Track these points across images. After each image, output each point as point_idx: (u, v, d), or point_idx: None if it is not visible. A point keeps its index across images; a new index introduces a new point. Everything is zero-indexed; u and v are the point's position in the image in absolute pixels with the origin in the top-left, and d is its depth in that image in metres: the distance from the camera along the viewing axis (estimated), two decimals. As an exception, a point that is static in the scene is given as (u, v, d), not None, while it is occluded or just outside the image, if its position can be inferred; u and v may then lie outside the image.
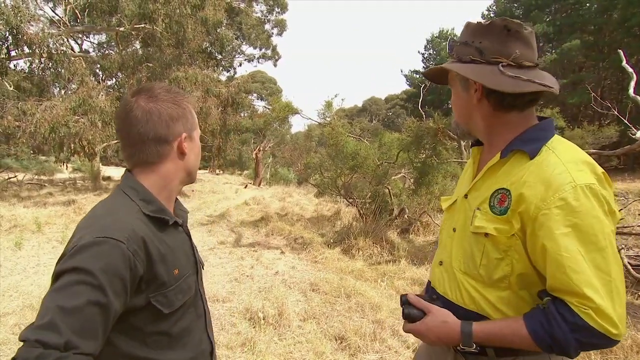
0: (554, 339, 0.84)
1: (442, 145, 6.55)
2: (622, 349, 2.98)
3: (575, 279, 0.82)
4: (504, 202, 0.94)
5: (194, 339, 1.00)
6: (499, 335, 0.91)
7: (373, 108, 54.62)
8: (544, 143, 0.94)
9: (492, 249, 0.95)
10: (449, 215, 1.16)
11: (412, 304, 1.04)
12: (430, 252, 6.30)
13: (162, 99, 0.96)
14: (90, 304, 0.74)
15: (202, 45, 13.45)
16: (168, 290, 0.91)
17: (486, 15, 34.84)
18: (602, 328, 0.81)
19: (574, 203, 0.83)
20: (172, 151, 0.97)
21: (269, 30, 24.26)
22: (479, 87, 0.99)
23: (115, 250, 0.79)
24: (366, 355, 3.02)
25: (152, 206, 0.94)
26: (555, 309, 0.85)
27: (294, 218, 9.84)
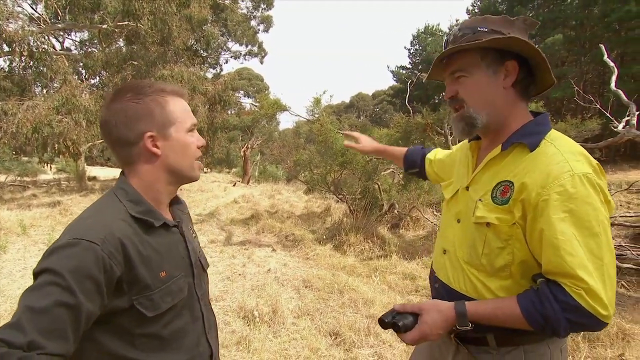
0: (546, 318, 0.87)
1: (431, 141, 6.61)
2: (609, 336, 3.06)
3: (570, 261, 0.86)
4: (507, 193, 0.97)
5: (189, 342, 0.98)
6: (493, 314, 0.94)
7: (360, 104, 54.73)
8: (543, 136, 0.98)
9: (493, 238, 0.98)
10: (451, 206, 1.18)
11: (401, 312, 1.02)
12: (420, 246, 6.37)
13: (124, 98, 0.93)
14: (58, 305, 0.75)
15: (188, 43, 13.27)
16: (153, 293, 0.89)
17: (471, 11, 35.10)
18: (592, 309, 0.84)
19: (571, 190, 0.87)
20: (141, 152, 0.94)
21: (255, 26, 24.04)
22: (514, 71, 1.01)
23: (88, 252, 0.79)
24: (361, 350, 3.05)
25: (140, 207, 0.93)
26: (548, 289, 0.89)
27: (284, 215, 9.82)
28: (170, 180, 0.99)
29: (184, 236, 1.03)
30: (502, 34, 1.00)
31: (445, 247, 1.14)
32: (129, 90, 0.95)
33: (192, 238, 1.09)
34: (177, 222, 1.03)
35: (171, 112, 0.96)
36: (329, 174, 8.25)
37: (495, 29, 1.01)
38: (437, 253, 1.19)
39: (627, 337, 3.05)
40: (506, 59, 1.02)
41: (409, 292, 4.47)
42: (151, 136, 0.93)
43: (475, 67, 1.04)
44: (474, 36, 1.02)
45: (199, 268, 1.05)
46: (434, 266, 1.20)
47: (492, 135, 1.08)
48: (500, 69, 1.02)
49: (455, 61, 1.06)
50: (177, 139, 0.97)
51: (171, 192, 1.03)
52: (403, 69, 40.05)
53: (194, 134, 1.01)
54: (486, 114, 1.04)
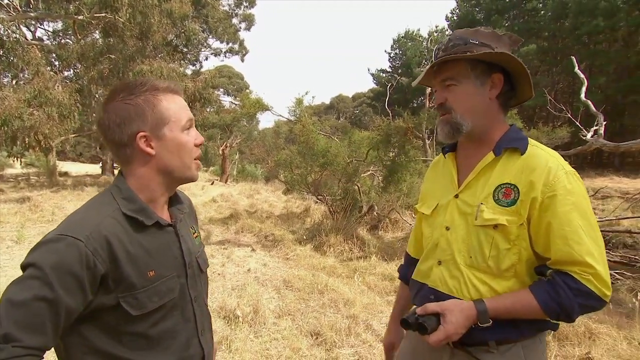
0: (561, 306, 0.95)
1: (410, 144, 6.74)
2: (577, 335, 3.22)
3: (578, 249, 0.95)
4: (510, 195, 1.03)
5: (178, 343, 0.97)
6: (512, 308, 1.00)
7: (340, 106, 55.01)
8: (527, 141, 1.08)
9: (501, 240, 1.03)
10: (434, 219, 1.20)
11: (423, 315, 1.03)
12: (399, 248, 6.48)
13: (117, 98, 0.93)
14: (37, 299, 0.76)
15: (168, 38, 13.02)
16: (138, 292, 0.89)
17: (450, 18, 35.91)
18: (599, 291, 0.94)
19: (569, 186, 0.98)
20: (135, 153, 0.93)
21: (236, 24, 23.81)
22: (499, 83, 1.09)
23: (70, 248, 0.80)
24: (342, 350, 3.09)
25: (132, 205, 0.93)
26: (560, 279, 0.97)
27: (264, 215, 9.79)
28: (165, 180, 0.98)
29: (178, 236, 1.01)
30: (491, 47, 1.07)
31: (440, 259, 1.15)
32: (122, 90, 0.94)
33: (191, 238, 1.08)
34: (173, 222, 1.01)
35: (164, 111, 0.94)
36: (310, 175, 8.29)
37: (485, 43, 1.07)
38: (427, 266, 1.19)
39: (594, 336, 3.21)
40: (493, 72, 1.09)
41: (388, 293, 4.55)
42: (144, 136, 0.92)
43: (465, 77, 1.09)
44: (465, 47, 1.07)
45: (194, 269, 1.04)
46: (426, 279, 1.19)
47: (476, 143, 1.13)
48: (487, 80, 1.09)
49: (446, 70, 1.11)
50: (171, 138, 0.95)
51: (168, 192, 1.01)
52: (383, 72, 40.58)
53: (190, 131, 0.99)
54: (471, 121, 1.10)
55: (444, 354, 1.12)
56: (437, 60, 1.11)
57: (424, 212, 1.27)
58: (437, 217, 1.19)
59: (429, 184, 1.33)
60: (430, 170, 1.36)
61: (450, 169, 1.20)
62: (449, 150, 1.24)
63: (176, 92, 1.00)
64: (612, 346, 3.10)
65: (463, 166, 1.17)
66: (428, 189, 1.32)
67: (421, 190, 1.38)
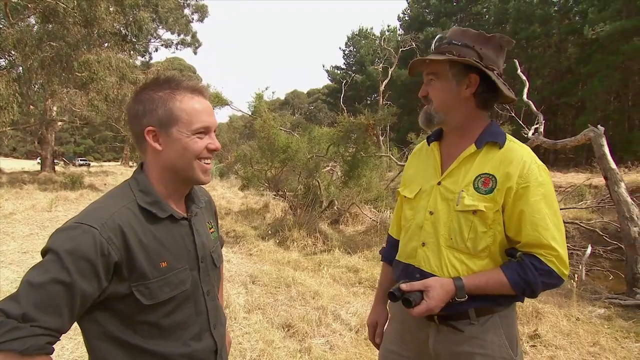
0: (528, 283, 1.09)
1: (370, 140, 6.95)
2: (525, 315, 3.54)
3: (545, 234, 1.09)
4: (488, 184, 1.14)
5: (190, 335, 0.99)
6: (485, 284, 1.12)
7: (295, 102, 54.94)
8: (505, 136, 1.20)
9: (479, 224, 1.14)
10: (417, 202, 1.29)
11: (408, 291, 1.14)
12: (360, 241, 6.68)
13: (145, 91, 0.97)
14: (54, 282, 0.80)
15: (116, 27, 12.31)
16: (150, 282, 0.91)
17: (401, 18, 37.00)
18: (559, 271, 1.09)
19: (540, 178, 1.12)
20: (147, 146, 0.97)
21: (188, 15, 23.01)
22: (474, 84, 1.17)
23: (86, 235, 0.84)
24: (314, 340, 3.17)
25: (148, 198, 0.95)
26: (528, 260, 1.10)
27: (222, 212, 9.63)
28: (171, 178, 0.99)
29: (192, 229, 1.03)
30: (474, 49, 1.16)
31: (424, 240, 1.24)
32: (152, 83, 0.98)
33: (207, 232, 1.09)
34: (188, 216, 1.03)
35: (175, 111, 0.94)
36: (270, 170, 8.27)
37: (468, 44, 1.16)
38: (412, 247, 1.27)
39: (540, 315, 3.55)
40: (470, 72, 1.16)
41: (353, 284, 4.70)
42: (152, 131, 0.95)
43: (444, 74, 1.19)
44: (448, 47, 1.18)
45: (207, 262, 1.05)
46: (411, 260, 1.27)
47: (458, 135, 1.24)
48: (464, 79, 1.17)
49: (431, 65, 1.22)
50: (178, 139, 0.95)
51: (181, 188, 1.03)
52: (338, 69, 41.01)
53: (202, 136, 0.97)
54: (443, 114, 1.21)
55: (430, 330, 1.23)
56: (422, 58, 1.22)
57: (406, 195, 1.35)
58: (420, 201, 1.28)
59: (411, 169, 1.41)
60: (413, 156, 1.45)
61: (434, 156, 1.29)
62: (433, 139, 1.33)
63: (199, 92, 0.99)
64: (555, 323, 3.45)
65: (446, 155, 1.27)
66: (411, 175, 1.40)
67: (403, 175, 1.47)
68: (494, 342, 1.16)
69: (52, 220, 8.03)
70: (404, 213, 1.37)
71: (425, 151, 1.37)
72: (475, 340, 1.17)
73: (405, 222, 1.35)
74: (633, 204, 4.90)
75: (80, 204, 10.34)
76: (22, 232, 6.96)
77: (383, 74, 29.26)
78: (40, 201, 9.82)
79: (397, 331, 1.36)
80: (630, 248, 4.72)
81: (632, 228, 4.77)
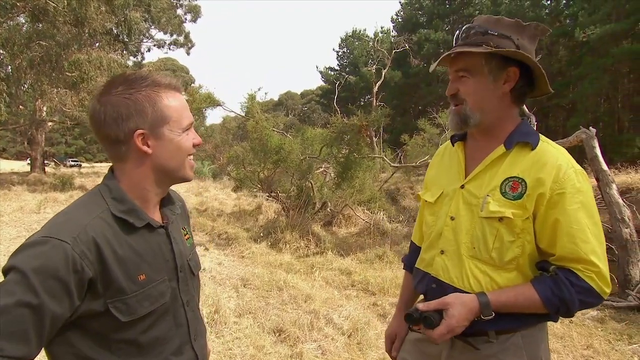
0: (563, 301, 0.98)
1: (363, 141, 6.93)
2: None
3: (584, 247, 0.97)
4: (517, 188, 1.02)
5: (170, 349, 0.94)
6: (514, 301, 1.01)
7: (289, 102, 54.88)
8: (539, 136, 1.08)
9: (505, 232, 1.03)
10: (438, 207, 1.19)
11: (426, 311, 1.04)
12: (353, 243, 6.65)
13: (115, 92, 0.88)
14: (20, 305, 0.72)
15: (107, 27, 12.16)
16: (128, 297, 0.85)
17: (395, 20, 37.10)
18: (600, 289, 0.97)
19: (578, 185, 1.00)
20: (130, 150, 0.89)
21: (181, 15, 22.85)
22: (514, 79, 1.05)
23: (56, 251, 0.76)
24: (306, 345, 3.12)
25: (122, 206, 0.88)
26: (563, 275, 0.98)
27: (215, 213, 9.56)
28: (160, 180, 0.94)
29: (170, 238, 0.97)
30: (511, 39, 1.04)
31: (443, 248, 1.14)
32: (120, 82, 0.89)
33: (183, 240, 1.03)
34: (165, 223, 0.97)
35: (165, 110, 0.90)
36: (262, 172, 8.21)
37: (505, 34, 1.04)
38: (431, 256, 1.19)
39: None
40: (509, 66, 1.05)
41: (345, 287, 4.66)
42: (142, 134, 0.87)
43: (478, 70, 1.07)
44: (483, 38, 1.05)
45: (185, 272, 1.00)
46: (429, 268, 1.19)
47: (487, 135, 1.12)
48: (501, 74, 1.06)
49: (461, 59, 1.09)
50: (170, 138, 0.91)
51: (161, 192, 0.97)
52: (331, 70, 40.98)
53: (189, 132, 0.95)
54: (480, 115, 1.08)
55: (444, 343, 1.11)
56: (452, 50, 1.09)
57: (427, 199, 1.25)
58: (442, 206, 1.18)
59: (434, 171, 1.31)
60: (436, 157, 1.34)
61: (459, 158, 1.18)
62: (457, 139, 1.22)
63: (178, 89, 0.95)
64: (548, 326, 3.41)
65: (471, 157, 1.16)
66: (433, 177, 1.30)
67: (425, 177, 1.35)
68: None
69: (40, 222, 7.89)
70: (425, 219, 1.28)
71: (449, 152, 1.26)
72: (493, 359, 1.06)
73: (426, 228, 1.25)
74: (624, 205, 4.92)
75: (69, 206, 10.20)
76: (9, 234, 6.83)
77: (376, 75, 29.28)
78: (28, 203, 9.67)
79: (413, 340, 1.27)
80: (622, 249, 4.73)
81: (623, 229, 4.78)
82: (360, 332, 3.32)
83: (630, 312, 3.96)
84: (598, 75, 18.77)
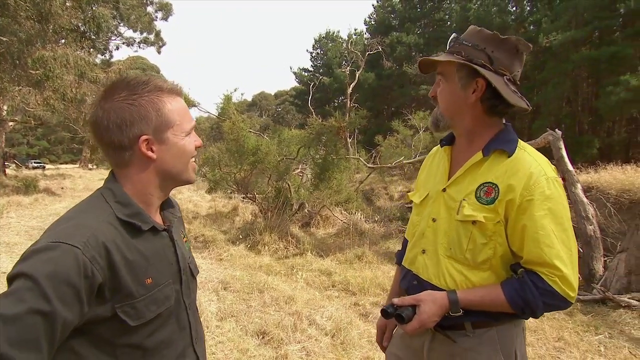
0: (526, 302, 1.02)
1: (341, 143, 6.99)
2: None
3: (548, 252, 1.01)
4: (491, 193, 1.07)
5: (173, 353, 0.95)
6: (481, 300, 1.06)
7: (263, 103, 54.44)
8: (517, 144, 1.11)
9: (478, 235, 1.08)
10: (423, 208, 1.26)
11: (400, 306, 1.10)
12: (332, 243, 6.69)
13: (118, 97, 0.87)
14: (32, 313, 0.70)
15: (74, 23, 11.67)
16: (137, 300, 0.85)
17: (368, 22, 37.55)
18: (564, 292, 1.01)
19: (548, 192, 1.03)
20: (134, 156, 0.89)
21: (151, 13, 22.24)
22: (481, 90, 1.09)
23: (67, 256, 0.74)
24: (290, 347, 3.13)
25: (127, 210, 0.88)
26: (528, 278, 1.03)
27: (190, 216, 9.38)
28: (163, 184, 0.95)
29: (173, 241, 0.97)
30: (485, 51, 1.08)
31: (424, 247, 1.20)
32: (123, 88, 0.88)
33: (183, 243, 1.04)
34: (167, 226, 0.97)
35: (168, 114, 0.90)
36: (239, 173, 8.13)
37: (479, 45, 1.09)
38: (413, 254, 1.25)
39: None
40: (478, 76, 1.08)
41: (326, 288, 4.69)
42: (146, 140, 0.88)
43: (450, 76, 1.13)
44: (459, 47, 1.12)
45: (187, 275, 1.00)
46: (412, 266, 1.25)
47: (467, 140, 1.17)
48: (470, 83, 1.09)
49: (440, 64, 1.16)
50: (174, 143, 0.91)
51: (163, 196, 0.98)
52: (305, 71, 40.99)
53: (191, 135, 0.96)
54: (449, 119, 1.16)
55: (426, 336, 1.20)
56: (429, 58, 1.15)
57: (414, 200, 1.31)
58: (426, 207, 1.24)
59: (424, 173, 1.36)
60: (427, 160, 1.39)
61: (444, 161, 1.24)
62: (445, 143, 1.27)
63: (179, 93, 0.96)
64: (522, 320, 3.58)
65: (456, 161, 1.21)
66: (422, 179, 1.35)
67: (417, 178, 1.41)
68: (490, 357, 1.11)
69: (3, 228, 7.50)
70: (412, 218, 1.34)
71: (439, 155, 1.31)
72: (470, 353, 1.12)
73: (412, 227, 1.32)
74: (589, 204, 5.20)
75: (35, 209, 9.74)
76: (-31, 241, 6.45)
77: (350, 76, 29.55)
78: (-11, 207, 9.16)
79: (400, 334, 1.34)
80: (586, 246, 5.00)
81: (587, 227, 5.06)
82: (343, 332, 3.36)
83: (595, 304, 4.19)
84: (560, 79, 19.65)
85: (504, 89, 1.06)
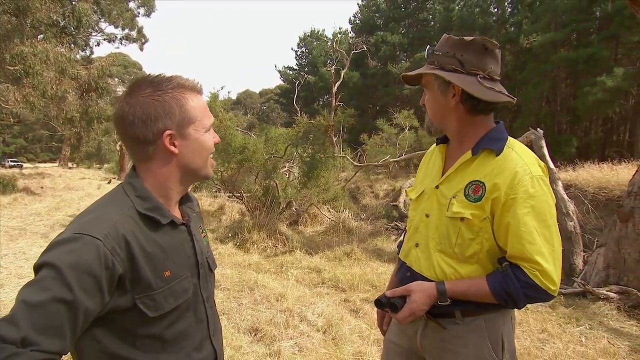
0: (508, 294, 1.08)
1: (329, 141, 7.03)
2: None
3: (529, 248, 1.06)
4: (478, 191, 1.13)
5: (191, 344, 0.97)
6: (467, 291, 1.13)
7: (248, 101, 54.09)
8: (505, 143, 1.16)
9: (466, 231, 1.14)
10: (418, 204, 1.33)
11: (392, 297, 1.18)
12: (320, 241, 6.73)
13: (143, 93, 0.91)
14: (55, 301, 0.73)
15: (53, 18, 11.37)
16: (155, 292, 0.88)
17: (352, 21, 37.70)
18: (544, 286, 1.07)
19: (531, 190, 1.07)
20: (157, 150, 0.92)
21: (134, 9, 21.82)
22: (458, 93, 1.15)
23: (89, 247, 0.78)
24: (282, 343, 3.15)
25: (147, 204, 0.91)
26: (512, 271, 1.09)
27: (175, 215, 9.28)
28: (183, 179, 0.98)
29: (191, 235, 1.00)
30: (455, 57, 1.14)
31: (417, 241, 1.28)
32: (147, 85, 0.92)
33: (201, 237, 1.06)
34: (186, 221, 1.00)
35: (191, 111, 0.94)
36: (225, 172, 8.09)
37: (449, 52, 1.15)
38: (408, 247, 1.33)
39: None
40: (452, 82, 1.14)
41: (316, 285, 4.73)
42: (170, 135, 0.91)
43: (431, 86, 1.21)
44: (433, 57, 1.19)
45: (205, 269, 1.03)
46: (406, 259, 1.33)
47: (458, 139, 1.23)
48: (448, 89, 1.16)
49: (422, 76, 1.24)
50: (195, 138, 0.95)
51: (182, 190, 1.00)
52: (290, 69, 40.87)
53: (210, 131, 1.00)
54: (439, 123, 1.24)
55: (419, 324, 1.27)
56: (408, 73, 1.24)
57: (411, 196, 1.39)
58: (421, 203, 1.31)
59: (422, 171, 1.42)
60: (425, 158, 1.45)
61: (439, 160, 1.30)
62: (440, 142, 1.33)
63: (200, 91, 1.00)
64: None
65: (449, 159, 1.28)
66: (420, 176, 1.42)
67: (416, 175, 1.48)
68: (477, 343, 1.17)
69: (-19, 228, 7.28)
70: (409, 213, 1.41)
71: (434, 153, 1.37)
72: (459, 339, 1.19)
73: (409, 222, 1.39)
74: (569, 200, 5.38)
75: (14, 209, 9.48)
76: (-54, 242, 6.25)
77: (335, 75, 29.59)
78: (-35, 207, 8.88)
79: (396, 323, 1.40)
80: (567, 241, 5.17)
81: (568, 223, 5.24)
82: (334, 327, 3.40)
83: (576, 297, 4.35)
84: (540, 80, 20.14)
85: (475, 88, 1.12)
